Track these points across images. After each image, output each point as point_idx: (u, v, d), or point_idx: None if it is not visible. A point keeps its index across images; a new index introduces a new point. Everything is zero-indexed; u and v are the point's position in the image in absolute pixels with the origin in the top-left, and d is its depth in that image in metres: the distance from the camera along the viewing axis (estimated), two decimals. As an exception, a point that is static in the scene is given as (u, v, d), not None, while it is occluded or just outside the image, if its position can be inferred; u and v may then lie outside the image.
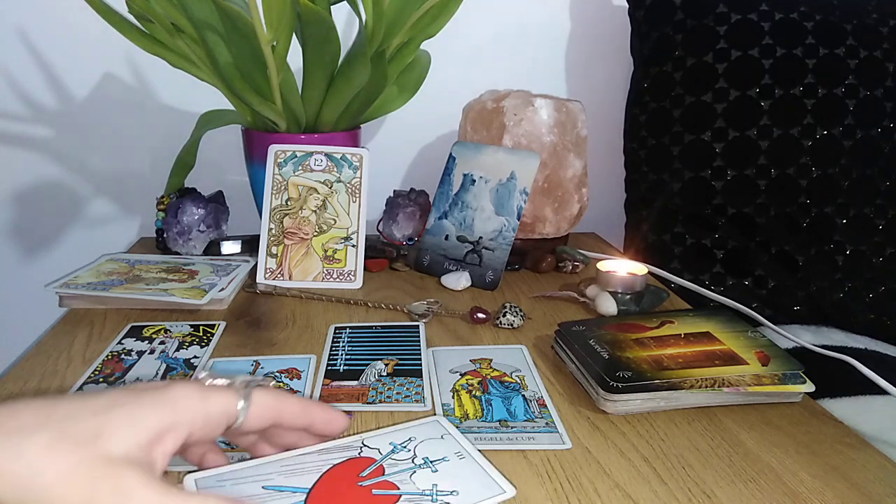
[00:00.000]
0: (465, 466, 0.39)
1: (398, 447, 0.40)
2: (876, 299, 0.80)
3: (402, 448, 0.40)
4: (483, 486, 0.37)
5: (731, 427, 0.47)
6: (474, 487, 0.37)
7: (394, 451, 0.40)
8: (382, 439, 0.41)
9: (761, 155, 0.81)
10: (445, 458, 0.39)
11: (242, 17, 0.62)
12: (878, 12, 0.82)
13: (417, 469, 0.38)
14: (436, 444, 0.41)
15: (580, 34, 1.01)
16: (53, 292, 0.65)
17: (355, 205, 0.74)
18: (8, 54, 0.90)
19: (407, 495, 0.36)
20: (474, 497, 0.36)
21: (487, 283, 0.73)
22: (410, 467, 0.38)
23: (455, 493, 0.36)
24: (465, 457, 0.39)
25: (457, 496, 0.36)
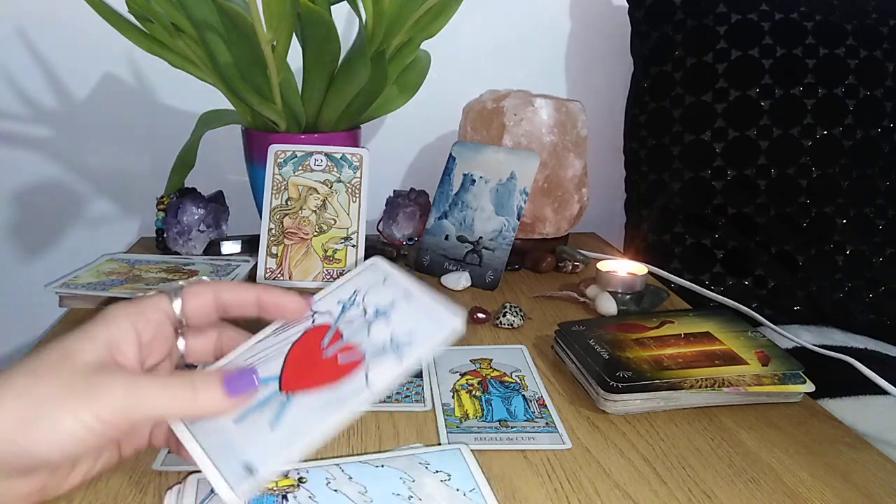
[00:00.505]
0: (413, 305, 0.39)
1: (347, 305, 0.40)
2: (876, 299, 0.80)
3: (351, 305, 0.40)
4: (435, 322, 0.37)
5: (731, 427, 0.47)
6: (427, 326, 0.37)
7: (344, 310, 0.40)
8: (330, 300, 0.41)
9: (761, 155, 0.81)
10: (394, 303, 0.39)
11: (242, 17, 0.62)
12: (878, 12, 0.82)
13: (371, 323, 0.39)
14: (381, 289, 0.40)
15: (580, 34, 1.01)
16: (53, 292, 0.65)
17: (355, 205, 0.74)
18: (8, 54, 0.90)
19: (370, 354, 0.37)
20: (429, 335, 0.37)
21: (487, 283, 0.73)
22: (364, 322, 0.39)
23: (412, 337, 0.37)
24: (411, 294, 0.40)
25: (415, 339, 0.37)
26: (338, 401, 0.35)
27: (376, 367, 0.36)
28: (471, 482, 0.38)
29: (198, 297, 0.37)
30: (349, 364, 0.36)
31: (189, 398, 0.33)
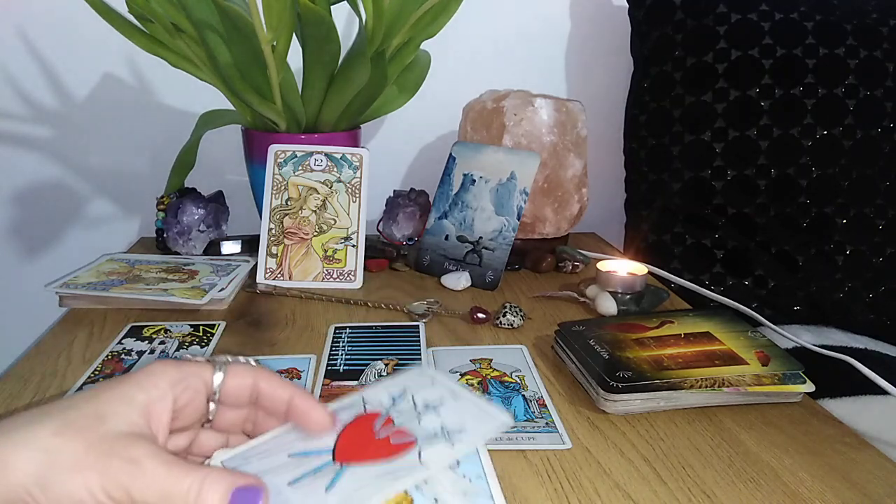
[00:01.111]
0: (462, 404, 0.41)
1: (397, 398, 0.41)
2: (876, 299, 0.80)
3: (401, 398, 0.41)
4: (484, 416, 0.39)
5: (731, 427, 0.47)
6: (477, 419, 0.39)
7: (394, 401, 0.41)
8: (380, 392, 0.42)
9: (761, 155, 0.81)
10: (443, 400, 0.41)
11: (242, 17, 0.62)
12: (878, 12, 0.82)
13: (422, 414, 0.40)
14: (429, 389, 0.42)
15: (580, 34, 1.01)
16: (53, 292, 0.65)
17: (355, 205, 0.74)
18: (8, 54, 0.90)
19: (422, 438, 0.38)
20: (479, 427, 0.39)
21: (487, 283, 0.73)
22: (415, 413, 0.40)
23: (463, 430, 0.39)
24: (459, 394, 0.42)
25: (465, 429, 0.39)
26: (392, 473, 0.36)
27: (429, 449, 0.37)
28: (478, 469, 0.39)
29: (239, 378, 0.37)
30: (402, 444, 0.38)
31: (192, 497, 0.32)
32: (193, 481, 0.32)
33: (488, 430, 0.39)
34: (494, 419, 0.39)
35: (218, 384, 0.36)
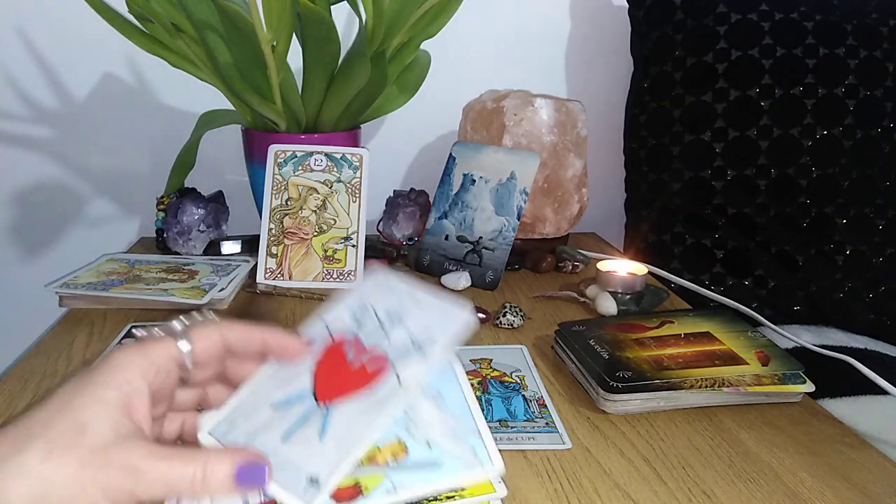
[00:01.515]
0: (422, 307, 0.41)
1: (360, 315, 0.41)
2: (876, 299, 0.80)
3: (363, 314, 0.42)
4: (446, 318, 0.40)
5: (731, 427, 0.47)
6: (441, 322, 0.40)
7: (358, 321, 0.41)
8: (341, 313, 0.42)
9: (761, 155, 0.81)
10: (403, 308, 0.41)
11: (242, 17, 0.62)
12: (878, 12, 0.82)
13: (388, 328, 0.40)
14: (388, 297, 0.42)
15: (580, 34, 1.01)
16: (53, 292, 0.65)
17: (355, 205, 0.74)
18: (8, 54, 0.90)
19: (394, 356, 0.39)
20: (446, 330, 0.39)
21: (487, 283, 0.73)
22: (381, 330, 0.40)
23: (430, 334, 0.39)
24: (417, 297, 0.42)
25: (432, 335, 0.39)
26: (377, 403, 0.36)
27: (404, 368, 0.38)
28: (460, 398, 0.40)
29: (206, 340, 0.37)
30: (377, 369, 0.38)
31: (198, 482, 0.32)
32: (196, 469, 0.32)
33: (454, 334, 0.39)
34: (457, 319, 0.39)
35: (187, 354, 0.36)
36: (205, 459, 0.32)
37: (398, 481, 0.35)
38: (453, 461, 0.36)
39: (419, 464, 0.36)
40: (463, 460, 0.37)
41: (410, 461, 0.36)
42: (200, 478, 0.32)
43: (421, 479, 0.36)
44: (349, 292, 0.43)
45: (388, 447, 0.37)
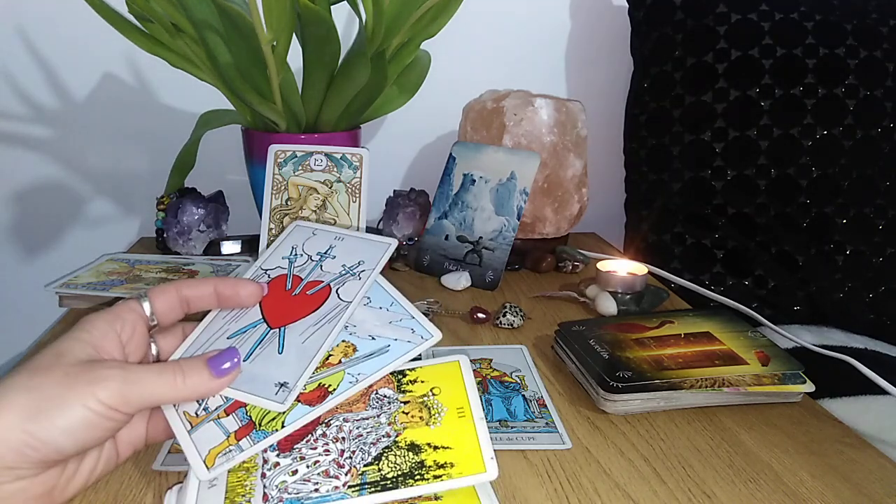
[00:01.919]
0: (349, 243, 0.46)
1: (291, 257, 0.46)
2: (876, 299, 0.80)
3: (295, 256, 0.46)
4: (373, 248, 0.45)
5: (731, 427, 0.47)
6: (369, 252, 0.45)
7: (291, 261, 0.45)
8: (274, 258, 0.46)
9: (761, 155, 0.81)
10: (332, 246, 0.46)
11: (242, 17, 0.62)
12: (878, 12, 0.82)
13: (320, 262, 0.45)
14: (314, 240, 0.47)
15: (580, 34, 1.01)
16: (53, 292, 0.65)
17: (355, 205, 0.74)
18: (8, 54, 0.90)
19: (332, 282, 0.43)
20: (374, 258, 0.45)
21: (487, 283, 0.73)
22: (314, 264, 0.45)
23: (361, 262, 0.44)
24: (343, 236, 0.47)
25: (364, 262, 0.44)
26: (326, 319, 0.41)
27: (344, 289, 0.43)
28: (385, 297, 0.44)
29: (163, 296, 0.40)
30: (319, 293, 0.42)
31: (180, 383, 0.35)
32: (174, 370, 0.36)
33: (382, 257, 0.44)
34: (382, 248, 0.45)
35: (149, 311, 0.39)
36: (179, 363, 0.37)
37: (357, 372, 0.39)
38: (397, 343, 0.41)
39: (369, 354, 0.41)
40: (405, 339, 0.41)
41: (361, 355, 0.40)
42: (182, 379, 0.35)
43: (375, 365, 0.40)
44: (276, 243, 0.47)
45: (338, 349, 0.41)
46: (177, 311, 0.41)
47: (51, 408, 0.31)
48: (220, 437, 0.36)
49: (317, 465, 0.35)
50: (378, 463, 0.35)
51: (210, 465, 0.35)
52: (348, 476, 0.35)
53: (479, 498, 0.36)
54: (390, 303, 0.44)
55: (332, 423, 0.38)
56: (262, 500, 0.34)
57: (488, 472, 0.35)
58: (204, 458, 0.35)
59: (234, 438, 0.36)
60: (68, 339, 0.35)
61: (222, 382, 0.37)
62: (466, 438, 0.37)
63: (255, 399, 0.37)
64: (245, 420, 0.37)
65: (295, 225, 0.49)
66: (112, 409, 0.33)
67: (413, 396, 0.39)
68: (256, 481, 0.35)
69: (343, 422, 0.38)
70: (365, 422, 0.38)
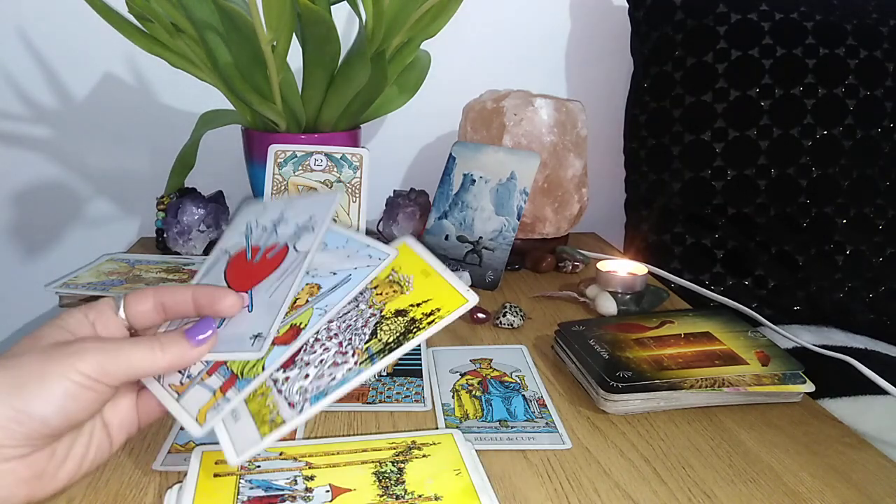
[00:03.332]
0: (298, 204, 0.47)
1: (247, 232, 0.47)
2: (876, 299, 0.80)
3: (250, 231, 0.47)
4: (321, 204, 0.46)
5: (731, 427, 0.47)
6: (317, 208, 0.45)
7: (247, 236, 0.47)
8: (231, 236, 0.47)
9: (761, 155, 0.81)
10: (283, 211, 0.47)
11: (242, 17, 0.62)
12: (878, 12, 0.82)
13: (275, 228, 0.46)
14: (266, 212, 0.48)
15: (580, 34, 1.01)
16: (53, 292, 0.65)
17: (355, 205, 0.74)
18: (8, 54, 0.90)
19: (288, 241, 0.44)
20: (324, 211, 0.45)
21: (487, 283, 0.73)
22: (269, 231, 0.46)
23: (312, 217, 0.45)
24: (291, 201, 0.48)
25: (314, 218, 0.45)
26: (287, 272, 0.42)
27: (300, 242, 0.44)
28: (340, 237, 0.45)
29: (139, 302, 0.40)
30: (278, 253, 0.44)
31: (158, 354, 0.36)
32: (152, 343, 0.36)
33: (330, 208, 0.45)
34: (329, 201, 0.46)
35: (122, 312, 0.39)
36: (157, 337, 0.37)
37: (324, 305, 0.41)
38: (357, 270, 0.43)
39: (333, 287, 0.42)
40: (364, 265, 0.43)
41: (326, 289, 0.42)
42: (160, 351, 0.36)
43: (340, 294, 0.41)
44: (230, 225, 0.49)
45: (303, 292, 0.42)
46: (152, 317, 0.40)
47: (31, 381, 0.32)
48: (206, 396, 0.37)
49: (323, 363, 0.38)
50: (375, 336, 0.38)
51: (202, 421, 0.36)
52: (355, 357, 0.37)
53: (479, 498, 0.36)
54: (345, 240, 0.45)
55: (319, 329, 0.40)
56: (289, 407, 0.36)
57: (470, 301, 0.39)
58: (195, 417, 0.36)
59: (219, 393, 0.37)
60: (44, 326, 0.36)
61: (201, 350, 0.37)
62: (440, 287, 0.40)
63: (233, 355, 0.38)
64: (227, 374, 0.38)
65: (246, 203, 0.50)
66: (93, 380, 0.33)
67: (379, 280, 0.42)
68: (276, 397, 0.37)
69: (329, 322, 0.40)
70: (348, 315, 0.40)
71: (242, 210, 0.49)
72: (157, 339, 0.36)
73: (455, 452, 0.41)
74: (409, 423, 0.46)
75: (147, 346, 0.36)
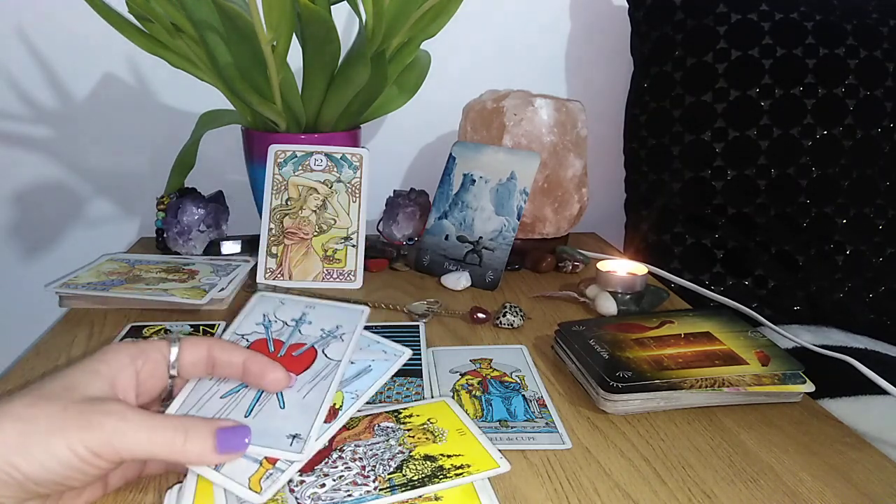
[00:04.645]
0: (322, 309, 0.48)
1: (266, 323, 0.47)
2: (876, 299, 0.80)
3: (269, 322, 0.47)
4: (348, 314, 0.48)
5: (731, 427, 0.47)
6: (344, 318, 0.47)
7: (266, 327, 0.47)
8: (247, 324, 0.47)
9: (761, 155, 0.81)
10: (305, 313, 0.48)
11: (242, 17, 0.62)
12: (878, 12, 0.82)
13: (298, 327, 0.46)
14: (285, 308, 0.49)
15: (580, 34, 1.01)
16: (53, 292, 0.65)
17: (355, 205, 0.74)
18: (8, 54, 0.90)
19: (315, 343, 0.45)
20: (352, 320, 0.47)
21: (487, 283, 0.73)
22: (292, 328, 0.46)
23: (339, 326, 0.46)
24: (314, 304, 0.49)
25: (342, 326, 0.46)
26: (320, 376, 0.42)
27: (330, 349, 0.44)
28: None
29: (193, 350, 0.39)
30: (306, 354, 0.44)
31: (178, 445, 0.33)
32: (177, 429, 0.33)
33: (359, 325, 0.47)
34: (357, 314, 0.48)
35: (174, 357, 0.38)
36: (186, 422, 0.34)
37: (353, 390, 0.42)
38: (376, 363, 0.45)
39: (356, 375, 0.44)
40: (381, 359, 0.45)
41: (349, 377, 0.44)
42: (182, 441, 0.33)
43: (367, 381, 0.43)
44: (243, 313, 0.48)
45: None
46: (201, 369, 0.40)
47: (38, 445, 0.31)
48: (253, 465, 0.36)
49: (342, 479, 0.37)
50: (400, 471, 0.37)
51: (258, 490, 0.35)
52: (376, 483, 0.36)
53: (480, 498, 0.36)
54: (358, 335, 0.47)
55: (345, 449, 0.39)
56: None
57: (502, 467, 0.38)
58: (249, 485, 0.35)
59: (267, 463, 0.37)
60: (84, 371, 0.34)
61: (222, 458, 0.35)
62: (473, 447, 0.40)
63: (272, 452, 0.37)
64: None
65: (260, 295, 0.50)
66: (97, 457, 0.32)
67: (414, 425, 0.42)
68: (286, 494, 0.36)
69: (355, 447, 0.40)
70: (376, 445, 0.40)
71: (258, 301, 0.49)
72: (184, 427, 0.34)
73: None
74: (409, 423, 0.46)
75: (171, 432, 0.33)
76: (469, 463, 0.38)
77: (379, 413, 0.43)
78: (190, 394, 0.40)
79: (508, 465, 0.38)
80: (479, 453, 0.39)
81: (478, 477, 0.37)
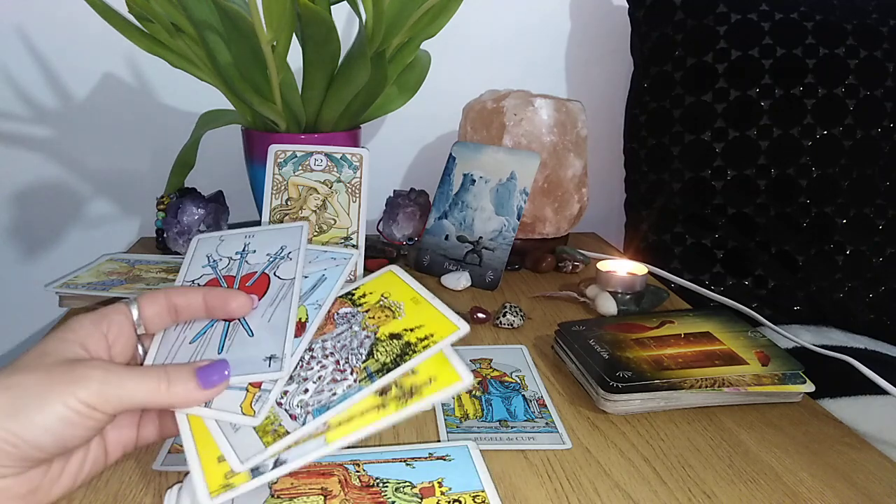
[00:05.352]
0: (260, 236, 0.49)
1: (213, 263, 0.47)
2: (876, 299, 0.80)
3: (215, 262, 0.47)
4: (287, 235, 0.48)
5: (731, 427, 0.47)
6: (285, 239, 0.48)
7: (215, 265, 0.47)
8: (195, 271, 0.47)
9: (761, 155, 0.81)
10: (247, 244, 0.48)
11: (242, 17, 0.62)
12: (878, 12, 0.82)
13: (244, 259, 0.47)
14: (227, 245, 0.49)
15: (580, 34, 1.01)
16: (53, 292, 0.65)
17: (355, 205, 0.74)
18: (8, 54, 0.90)
19: (266, 268, 0.45)
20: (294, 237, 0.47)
21: (487, 283, 0.73)
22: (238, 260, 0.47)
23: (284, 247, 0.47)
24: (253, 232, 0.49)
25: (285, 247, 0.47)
26: (279, 297, 0.43)
27: (280, 270, 0.45)
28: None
29: (152, 303, 0.40)
30: (259, 281, 0.45)
31: (164, 389, 0.35)
32: (159, 376, 0.35)
33: (300, 238, 0.47)
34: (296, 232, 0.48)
35: (136, 315, 0.39)
36: (166, 368, 0.36)
37: (314, 300, 0.43)
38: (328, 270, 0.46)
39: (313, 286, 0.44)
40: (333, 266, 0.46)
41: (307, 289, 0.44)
42: (166, 387, 0.35)
43: (325, 289, 0.44)
44: (189, 255, 0.49)
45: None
46: (165, 319, 0.40)
47: (30, 405, 0.31)
48: (241, 394, 0.37)
49: (321, 379, 0.38)
50: (372, 357, 0.39)
51: (251, 413, 0.36)
52: (354, 374, 0.38)
53: (449, 361, 0.38)
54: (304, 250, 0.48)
55: (314, 347, 0.41)
56: (292, 419, 0.36)
57: (461, 328, 0.39)
58: (242, 412, 0.36)
59: (253, 388, 0.38)
60: (53, 339, 0.35)
61: (208, 394, 0.36)
62: (431, 314, 0.41)
63: (255, 377, 0.38)
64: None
65: (198, 238, 0.50)
66: (91, 409, 0.32)
67: (370, 304, 0.43)
68: (276, 409, 0.37)
69: (323, 342, 0.41)
70: (341, 335, 0.41)
71: (197, 245, 0.50)
72: (166, 372, 0.35)
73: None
74: (409, 422, 0.46)
75: (154, 379, 0.35)
76: (432, 332, 0.39)
77: (333, 301, 0.44)
78: (160, 347, 0.41)
79: (466, 325, 0.39)
80: (438, 319, 0.40)
81: (442, 344, 0.38)
